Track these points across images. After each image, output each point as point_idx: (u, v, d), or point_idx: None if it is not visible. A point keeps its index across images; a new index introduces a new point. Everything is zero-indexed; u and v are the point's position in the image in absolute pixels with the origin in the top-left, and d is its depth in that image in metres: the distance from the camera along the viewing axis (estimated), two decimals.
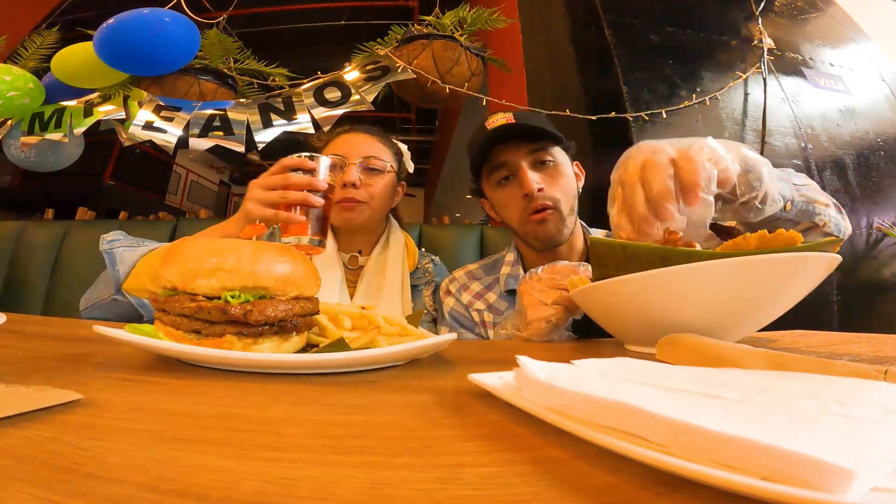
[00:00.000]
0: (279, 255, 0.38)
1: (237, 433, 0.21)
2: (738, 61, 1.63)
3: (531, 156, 0.82)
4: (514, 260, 0.91)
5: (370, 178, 0.93)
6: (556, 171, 0.83)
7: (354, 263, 0.96)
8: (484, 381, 0.27)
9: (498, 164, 0.84)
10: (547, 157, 0.83)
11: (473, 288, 0.91)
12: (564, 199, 0.82)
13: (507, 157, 0.83)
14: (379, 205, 0.94)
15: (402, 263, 0.97)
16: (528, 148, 0.82)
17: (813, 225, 0.60)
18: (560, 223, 0.82)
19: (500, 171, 0.84)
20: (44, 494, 0.14)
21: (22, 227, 1.51)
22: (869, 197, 1.60)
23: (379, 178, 0.94)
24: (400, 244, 1.00)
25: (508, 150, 0.83)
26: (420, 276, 1.00)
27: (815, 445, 0.13)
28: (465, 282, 0.93)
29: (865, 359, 0.42)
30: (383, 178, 0.94)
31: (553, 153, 0.84)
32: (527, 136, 0.82)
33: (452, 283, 0.93)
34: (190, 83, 1.50)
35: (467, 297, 0.90)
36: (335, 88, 1.43)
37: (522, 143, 0.82)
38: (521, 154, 0.82)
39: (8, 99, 1.41)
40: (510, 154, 0.82)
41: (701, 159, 0.45)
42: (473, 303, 0.89)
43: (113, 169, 5.47)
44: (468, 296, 0.90)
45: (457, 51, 1.41)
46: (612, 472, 0.17)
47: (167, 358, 0.37)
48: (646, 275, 0.41)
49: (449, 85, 1.40)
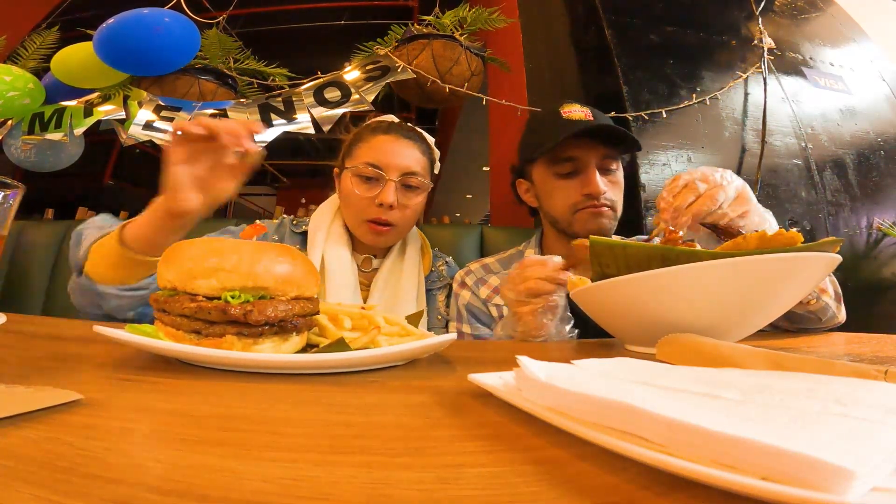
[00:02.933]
0: (279, 255, 0.38)
1: (237, 433, 0.21)
2: (738, 61, 1.63)
3: (603, 160, 0.82)
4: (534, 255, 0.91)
5: (407, 197, 0.85)
6: (616, 177, 0.85)
7: (368, 266, 0.91)
8: (484, 381, 0.27)
9: (566, 157, 0.82)
10: (614, 165, 0.84)
11: (492, 282, 0.89)
12: (619, 203, 0.84)
13: (579, 154, 0.82)
14: (411, 225, 0.90)
15: (419, 268, 0.92)
16: (602, 151, 0.82)
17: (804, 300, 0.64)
18: (612, 220, 0.83)
19: (566, 165, 0.82)
20: (44, 494, 0.14)
21: (22, 227, 1.51)
22: (869, 197, 1.60)
23: (416, 197, 0.86)
24: (417, 248, 0.95)
25: (582, 148, 0.82)
26: (434, 281, 0.96)
27: (815, 445, 0.13)
28: (482, 275, 0.90)
29: (865, 359, 0.42)
30: (420, 196, 0.87)
31: (619, 161, 0.85)
32: (604, 138, 0.82)
33: (469, 276, 0.90)
34: (190, 83, 1.50)
35: (485, 292, 0.87)
36: (335, 88, 1.43)
37: (596, 143, 0.82)
38: (594, 154, 0.82)
39: (8, 99, 1.41)
40: (582, 152, 0.82)
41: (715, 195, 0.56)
42: (492, 297, 0.87)
43: (113, 169, 5.47)
44: (486, 290, 0.88)
45: (457, 51, 1.41)
46: (613, 472, 0.17)
47: (167, 358, 0.37)
48: (646, 275, 0.41)
49: (449, 85, 1.40)
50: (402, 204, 0.84)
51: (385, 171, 0.83)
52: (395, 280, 0.89)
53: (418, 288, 0.90)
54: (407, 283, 0.89)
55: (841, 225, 1.53)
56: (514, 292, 0.62)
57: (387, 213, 0.82)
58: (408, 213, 0.86)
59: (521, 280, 0.62)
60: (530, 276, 0.61)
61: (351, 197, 0.85)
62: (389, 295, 0.87)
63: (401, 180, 0.83)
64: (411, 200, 0.85)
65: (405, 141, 0.87)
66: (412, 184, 0.85)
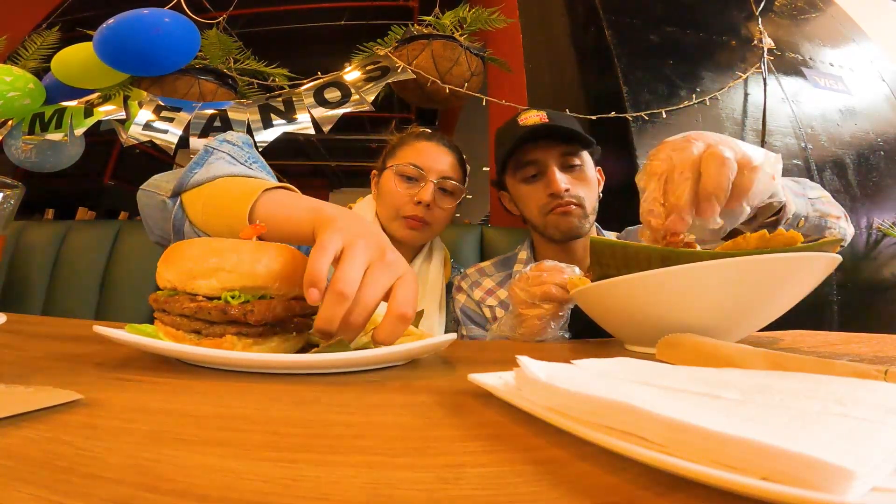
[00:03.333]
0: (279, 255, 0.38)
1: (237, 433, 0.21)
2: (738, 61, 1.63)
3: (562, 158, 0.84)
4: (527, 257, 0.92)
5: (443, 199, 0.91)
6: (583, 174, 0.85)
7: None
8: (484, 381, 0.27)
9: (527, 161, 0.84)
10: (576, 161, 0.85)
11: (485, 284, 0.92)
12: (588, 199, 0.85)
13: (538, 157, 0.84)
14: (442, 227, 0.93)
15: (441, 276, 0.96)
16: (559, 150, 0.84)
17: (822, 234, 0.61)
18: (582, 217, 0.84)
19: (528, 169, 0.85)
20: (44, 494, 0.14)
21: (22, 227, 1.51)
22: (869, 197, 1.60)
23: (451, 200, 0.92)
24: (441, 257, 0.99)
25: (539, 150, 0.84)
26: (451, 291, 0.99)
27: (815, 445, 0.13)
28: (476, 278, 0.93)
29: (865, 359, 0.42)
30: (453, 202, 0.93)
31: (581, 157, 0.86)
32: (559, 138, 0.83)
33: (464, 280, 0.94)
34: (190, 83, 1.50)
35: (479, 294, 0.90)
36: (335, 89, 1.43)
37: (554, 143, 0.83)
38: (551, 155, 0.83)
39: (8, 99, 1.41)
40: (540, 153, 0.84)
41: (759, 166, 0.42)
42: (485, 299, 0.89)
43: (113, 169, 5.47)
44: (480, 292, 0.90)
45: (456, 51, 1.41)
46: (612, 472, 0.17)
47: (167, 358, 0.37)
48: (646, 275, 0.41)
49: (449, 85, 1.40)
50: (437, 205, 0.89)
51: (426, 172, 0.89)
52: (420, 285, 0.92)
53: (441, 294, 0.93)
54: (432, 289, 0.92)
55: None
56: (527, 294, 0.61)
57: (423, 211, 0.88)
58: (442, 214, 0.91)
59: (538, 282, 0.61)
60: (548, 281, 0.61)
61: (392, 194, 0.90)
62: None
63: (439, 182, 0.89)
64: (446, 203, 0.91)
65: (444, 148, 0.94)
66: (448, 187, 0.91)
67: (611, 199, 1.51)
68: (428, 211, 0.88)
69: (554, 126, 0.82)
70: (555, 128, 0.82)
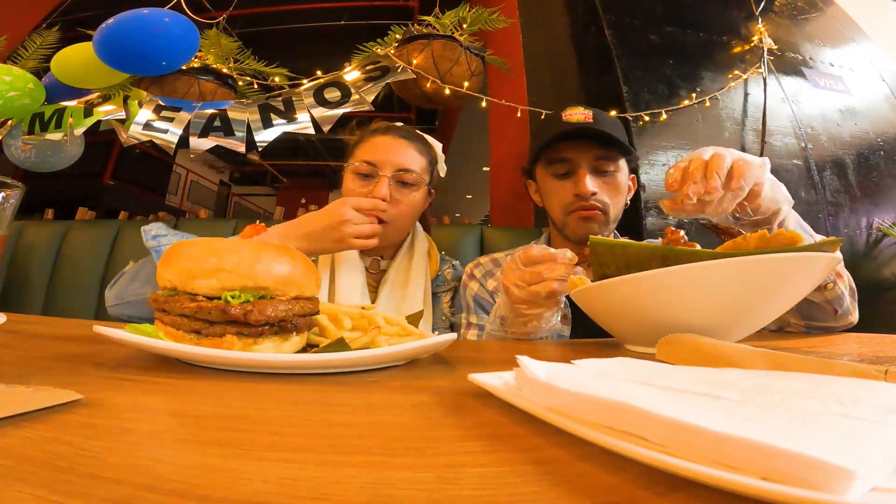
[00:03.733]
0: (279, 255, 0.38)
1: (237, 433, 0.21)
2: (738, 61, 1.63)
3: (595, 161, 0.83)
4: None
5: (401, 193, 0.87)
6: (614, 180, 0.84)
7: (376, 268, 0.94)
8: (484, 381, 0.27)
9: (560, 158, 0.84)
10: (610, 167, 0.84)
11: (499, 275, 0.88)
12: (613, 206, 0.84)
13: (572, 155, 0.83)
14: (407, 222, 0.91)
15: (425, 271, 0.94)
16: (595, 152, 0.82)
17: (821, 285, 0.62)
18: (603, 225, 0.83)
19: (560, 166, 0.84)
20: (44, 494, 0.14)
21: (22, 227, 1.51)
22: (869, 197, 1.60)
23: (410, 193, 0.88)
24: (423, 250, 0.97)
25: (575, 149, 0.83)
26: (440, 284, 0.98)
27: (815, 445, 0.13)
28: (490, 268, 0.92)
29: (865, 359, 0.42)
30: (414, 193, 0.88)
31: (617, 163, 0.85)
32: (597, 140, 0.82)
33: (477, 269, 0.92)
34: (190, 83, 1.50)
35: (493, 284, 0.89)
36: (335, 88, 1.43)
37: (591, 145, 0.82)
38: (586, 156, 0.82)
39: (8, 99, 1.41)
40: (575, 153, 0.83)
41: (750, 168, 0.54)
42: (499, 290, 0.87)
43: (113, 169, 5.47)
44: (493, 282, 0.89)
45: (457, 51, 1.41)
46: (612, 472, 0.17)
47: (167, 358, 0.37)
48: (646, 275, 0.41)
49: (449, 85, 1.40)
50: (395, 199, 0.86)
51: (379, 168, 0.86)
52: (402, 281, 0.91)
53: (425, 290, 0.92)
54: (414, 285, 0.90)
55: (841, 225, 1.53)
56: (528, 292, 0.57)
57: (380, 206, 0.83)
58: (402, 208, 0.87)
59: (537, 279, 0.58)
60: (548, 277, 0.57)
61: (349, 194, 0.88)
62: (398, 297, 0.89)
63: (394, 176, 0.86)
64: (405, 196, 0.87)
65: (402, 140, 0.90)
66: (406, 180, 0.87)
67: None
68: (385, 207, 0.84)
69: (593, 128, 0.81)
70: (594, 130, 0.81)
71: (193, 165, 7.15)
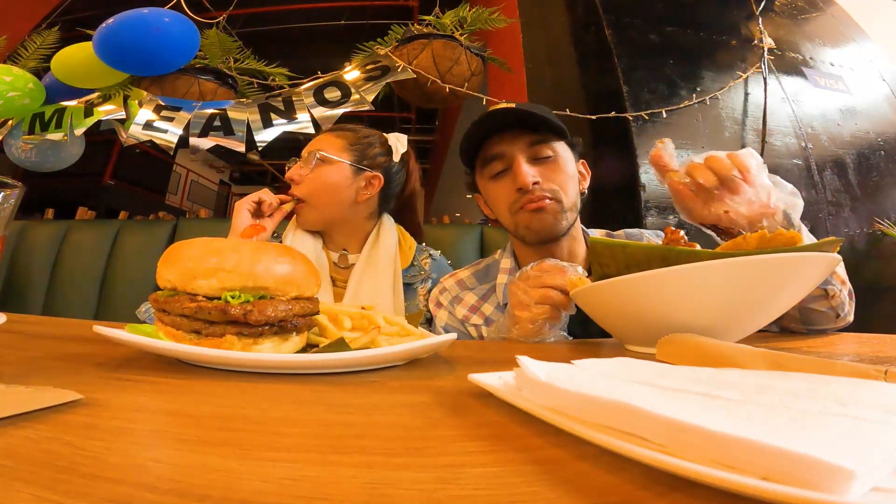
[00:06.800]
0: (279, 256, 0.38)
1: (237, 433, 0.21)
2: (738, 61, 1.63)
3: (530, 149, 0.73)
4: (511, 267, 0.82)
5: (313, 173, 0.92)
6: (557, 166, 0.74)
7: (344, 262, 0.95)
8: (484, 381, 0.27)
9: (492, 155, 0.75)
10: (547, 152, 0.74)
11: (467, 300, 0.82)
12: (565, 193, 0.74)
13: (503, 149, 0.74)
14: (321, 199, 0.92)
15: (395, 261, 0.94)
16: (527, 140, 0.73)
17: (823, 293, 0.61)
18: (558, 214, 0.73)
19: (495, 164, 0.75)
20: (44, 494, 0.14)
21: (22, 226, 1.51)
22: (869, 197, 1.60)
23: (317, 170, 0.92)
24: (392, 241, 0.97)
25: (505, 141, 0.74)
26: (415, 274, 0.96)
27: (815, 445, 0.13)
28: (457, 293, 0.84)
29: (865, 359, 0.42)
30: (322, 170, 0.92)
31: (555, 148, 0.75)
32: (526, 126, 0.73)
33: (443, 295, 0.85)
34: (190, 83, 1.50)
35: (462, 311, 0.81)
36: (335, 88, 1.43)
37: (521, 133, 0.73)
38: (518, 146, 0.73)
39: (8, 99, 1.41)
40: (506, 145, 0.73)
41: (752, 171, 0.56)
42: (469, 317, 0.80)
43: (113, 169, 5.47)
44: (463, 309, 0.81)
45: (457, 50, 1.41)
46: (612, 472, 0.17)
47: (167, 358, 0.37)
48: (646, 275, 0.41)
49: (449, 85, 1.40)
50: (306, 178, 0.92)
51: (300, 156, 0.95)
52: (371, 273, 0.93)
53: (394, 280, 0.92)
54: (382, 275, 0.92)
55: (841, 225, 1.53)
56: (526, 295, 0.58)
57: (293, 188, 0.93)
58: (311, 186, 0.92)
59: (538, 283, 0.57)
60: (548, 283, 0.57)
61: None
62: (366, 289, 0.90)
63: (303, 158, 0.94)
64: (314, 173, 0.93)
65: (323, 133, 1.00)
66: (310, 160, 0.94)
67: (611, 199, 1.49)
68: (297, 186, 0.92)
69: (516, 110, 0.72)
70: (517, 112, 0.72)
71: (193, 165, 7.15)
